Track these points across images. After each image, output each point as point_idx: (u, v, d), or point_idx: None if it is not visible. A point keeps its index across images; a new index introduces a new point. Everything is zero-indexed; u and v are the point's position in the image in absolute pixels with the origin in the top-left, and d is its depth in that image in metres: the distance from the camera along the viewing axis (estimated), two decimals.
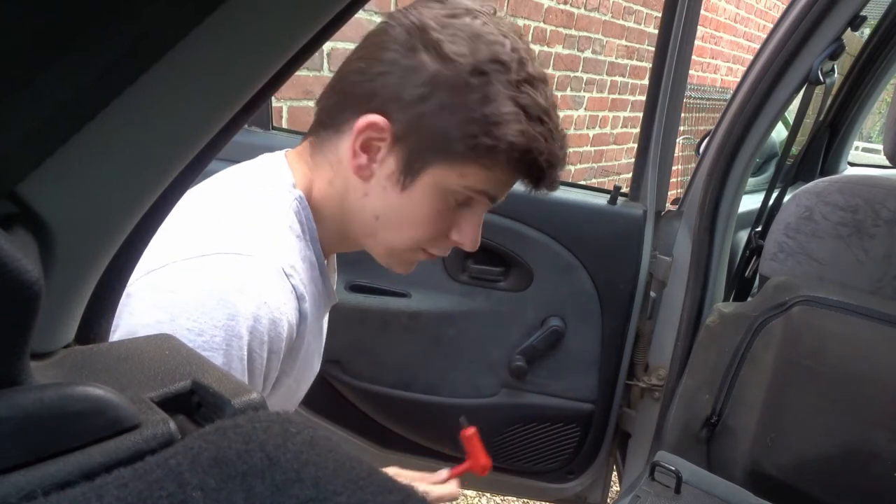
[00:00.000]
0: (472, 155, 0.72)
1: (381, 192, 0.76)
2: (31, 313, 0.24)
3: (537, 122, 0.73)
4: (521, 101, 0.71)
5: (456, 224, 0.79)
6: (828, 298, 1.17)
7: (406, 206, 0.76)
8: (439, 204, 0.76)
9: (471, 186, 0.75)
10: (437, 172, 0.74)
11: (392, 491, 0.24)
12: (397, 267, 0.82)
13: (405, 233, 0.77)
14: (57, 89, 0.25)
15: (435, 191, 0.75)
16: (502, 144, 0.71)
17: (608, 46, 3.75)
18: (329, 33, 0.33)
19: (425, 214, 0.76)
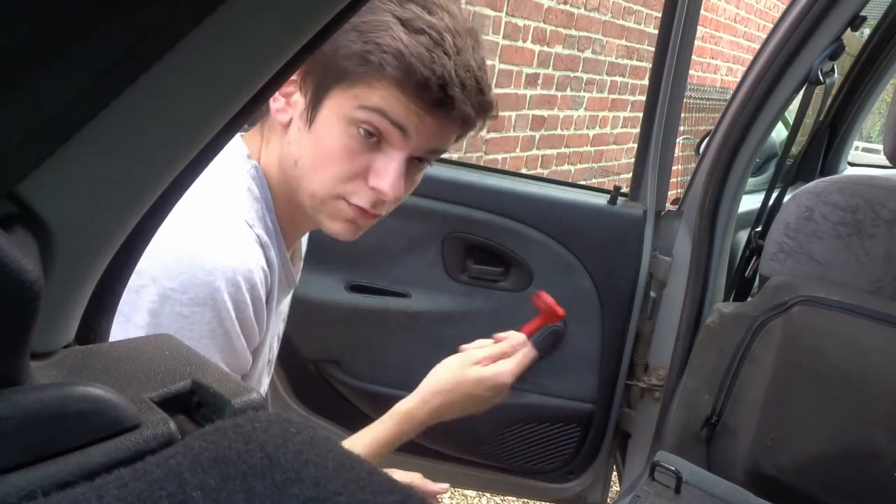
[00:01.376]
0: (354, 70, 0.71)
1: (297, 136, 0.76)
2: (31, 313, 0.24)
3: (418, 33, 0.71)
4: (398, 13, 0.70)
5: (372, 167, 0.76)
6: (828, 298, 1.17)
7: (315, 144, 0.75)
8: (343, 137, 0.74)
9: (364, 105, 0.72)
10: (335, 101, 0.73)
11: (392, 491, 0.24)
12: (329, 223, 0.79)
13: (319, 174, 0.76)
14: (57, 89, 0.25)
15: (336, 121, 0.74)
16: (371, 48, 0.69)
17: (608, 46, 3.75)
18: (329, 33, 0.33)
19: (332, 149, 0.74)
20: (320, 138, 0.75)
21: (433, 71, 0.70)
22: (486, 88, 0.76)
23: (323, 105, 0.74)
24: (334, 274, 1.38)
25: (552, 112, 3.51)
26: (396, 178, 0.76)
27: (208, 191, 0.74)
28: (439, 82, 0.71)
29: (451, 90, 0.72)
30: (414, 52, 0.70)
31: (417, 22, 0.70)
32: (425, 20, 0.71)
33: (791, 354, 1.20)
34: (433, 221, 1.36)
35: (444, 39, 0.71)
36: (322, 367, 1.45)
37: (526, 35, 3.14)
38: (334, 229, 0.80)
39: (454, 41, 0.72)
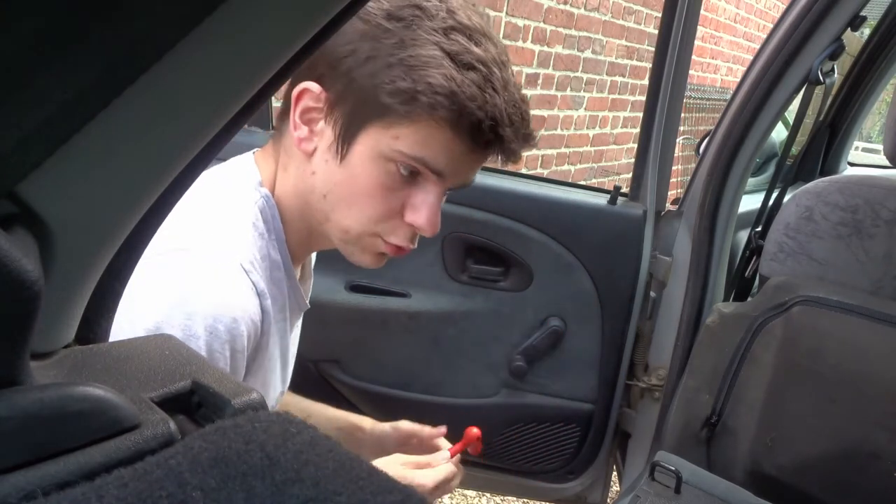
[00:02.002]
0: (397, 108, 0.68)
1: (324, 167, 0.73)
2: (31, 313, 0.24)
3: (468, 69, 0.67)
4: (446, 47, 0.66)
5: (408, 203, 0.73)
6: (828, 298, 1.17)
7: (348, 179, 0.72)
8: (380, 175, 0.71)
9: (404, 152, 0.69)
10: (371, 136, 0.70)
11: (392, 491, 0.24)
12: (360, 256, 0.77)
13: (354, 211, 0.73)
14: (57, 89, 0.25)
15: (372, 159, 0.71)
16: (422, 87, 0.66)
17: (608, 46, 3.75)
18: (329, 33, 0.33)
19: (368, 187, 0.71)
20: (354, 175, 0.71)
21: (486, 112, 0.68)
22: (530, 121, 0.74)
23: (357, 140, 0.70)
24: (334, 274, 1.38)
25: (552, 112, 3.51)
26: (434, 213, 0.74)
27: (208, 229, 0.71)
28: (491, 123, 0.68)
29: (502, 130, 0.69)
30: (467, 92, 0.66)
31: (466, 56, 0.67)
32: (474, 54, 0.68)
33: (791, 354, 1.20)
34: None
35: (492, 74, 0.68)
36: (322, 367, 1.45)
37: (526, 35, 3.14)
38: (364, 261, 0.78)
39: (501, 75, 0.69)
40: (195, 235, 0.70)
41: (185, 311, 0.64)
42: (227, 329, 0.66)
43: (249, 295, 0.70)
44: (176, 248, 0.67)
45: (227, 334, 0.66)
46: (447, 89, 0.66)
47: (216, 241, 0.70)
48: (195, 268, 0.67)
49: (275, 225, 0.76)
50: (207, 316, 0.65)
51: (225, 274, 0.68)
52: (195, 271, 0.67)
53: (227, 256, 0.69)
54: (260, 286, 0.71)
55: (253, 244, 0.73)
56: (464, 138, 0.69)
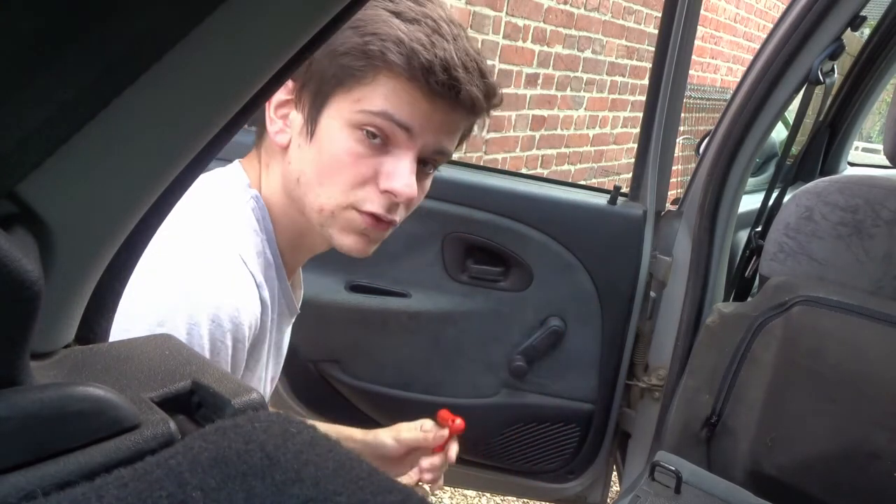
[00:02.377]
0: (353, 67, 0.69)
1: (297, 153, 0.74)
2: (31, 313, 0.24)
3: (413, 23, 0.70)
4: (391, 7, 0.70)
5: (381, 171, 0.73)
6: (828, 298, 1.17)
7: (317, 155, 0.72)
8: (348, 141, 0.71)
9: (367, 109, 0.70)
10: (335, 108, 0.71)
11: (392, 491, 0.24)
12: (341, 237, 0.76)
13: (325, 185, 0.73)
14: (57, 89, 0.25)
15: (338, 128, 0.71)
16: (370, 38, 0.68)
17: (608, 46, 3.75)
18: (329, 33, 0.33)
19: (336, 157, 0.72)
20: (323, 148, 0.72)
21: (435, 54, 0.69)
22: (487, 72, 0.74)
23: (322, 114, 0.72)
24: (334, 274, 1.38)
25: (552, 112, 3.51)
26: (409, 176, 0.73)
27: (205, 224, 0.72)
28: (443, 65, 0.69)
29: (455, 72, 0.70)
30: (414, 37, 0.68)
31: (411, 13, 0.70)
32: (418, 10, 0.70)
33: (791, 354, 1.20)
34: (433, 221, 1.36)
35: (440, 27, 0.70)
36: (322, 367, 1.45)
37: (526, 35, 3.14)
38: (346, 243, 0.76)
39: (450, 28, 0.71)
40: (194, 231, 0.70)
41: (189, 303, 0.65)
42: (230, 318, 0.67)
43: (249, 285, 0.71)
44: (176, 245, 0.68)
45: (230, 324, 0.67)
46: (394, 36, 0.68)
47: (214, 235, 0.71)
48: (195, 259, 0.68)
49: (265, 225, 0.77)
50: (210, 306, 0.66)
51: (225, 264, 0.69)
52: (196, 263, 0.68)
53: (225, 247, 0.70)
54: (258, 278, 0.72)
55: (249, 241, 0.74)
56: (419, 83, 0.70)
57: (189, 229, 0.70)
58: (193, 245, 0.69)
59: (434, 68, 0.69)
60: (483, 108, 0.75)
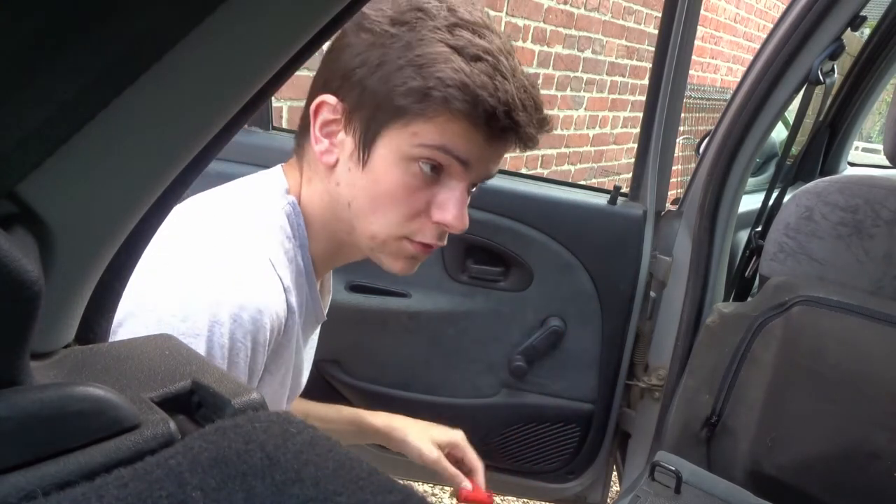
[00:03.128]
0: (412, 107, 0.69)
1: (347, 176, 0.74)
2: (31, 313, 0.24)
3: (476, 61, 0.68)
4: (451, 42, 0.68)
5: (434, 202, 0.74)
6: (828, 298, 1.17)
7: (372, 185, 0.73)
8: (403, 175, 0.72)
9: (426, 143, 0.70)
10: (390, 139, 0.71)
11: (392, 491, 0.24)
12: (391, 262, 0.78)
13: (379, 215, 0.74)
14: (57, 89, 0.25)
15: (394, 160, 0.71)
16: (433, 83, 0.67)
17: (608, 46, 3.75)
18: (329, 33, 0.33)
19: (392, 189, 0.72)
20: (378, 179, 0.72)
21: (499, 99, 0.69)
22: (542, 105, 0.74)
23: (377, 143, 0.71)
24: (334, 274, 1.38)
25: (552, 112, 3.51)
26: (461, 209, 0.75)
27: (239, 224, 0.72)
28: (505, 109, 0.69)
29: (516, 115, 0.70)
30: (478, 82, 0.68)
31: (472, 49, 0.68)
32: (479, 46, 0.69)
33: (791, 354, 1.20)
34: None
35: (499, 63, 0.69)
36: (322, 367, 1.45)
37: (526, 35, 3.14)
38: (395, 268, 0.78)
39: (508, 63, 0.70)
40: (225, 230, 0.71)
41: (212, 299, 0.65)
42: (252, 319, 0.66)
43: (276, 289, 0.70)
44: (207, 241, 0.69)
45: (252, 324, 0.67)
46: (458, 81, 0.67)
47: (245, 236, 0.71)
48: (224, 258, 0.68)
49: (299, 232, 0.77)
50: (234, 304, 0.65)
51: (253, 265, 0.69)
52: (224, 261, 0.68)
53: (255, 249, 0.70)
54: (286, 282, 0.72)
55: (280, 245, 0.74)
56: (480, 127, 0.70)
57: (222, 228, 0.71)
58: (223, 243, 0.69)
59: (497, 113, 0.69)
60: (537, 143, 0.77)
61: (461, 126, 0.70)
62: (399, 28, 0.69)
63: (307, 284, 0.79)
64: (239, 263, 0.68)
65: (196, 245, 0.69)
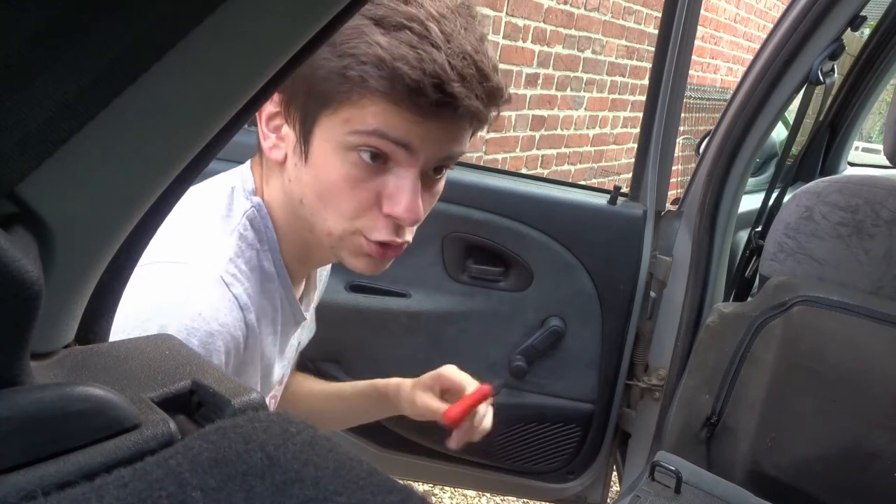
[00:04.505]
0: (336, 91, 0.63)
1: (295, 172, 0.69)
2: (31, 313, 0.24)
3: (397, 30, 0.61)
4: (371, 12, 0.62)
5: (383, 194, 0.68)
6: (828, 298, 1.17)
7: (315, 178, 0.68)
8: (343, 166, 0.66)
9: (358, 130, 0.64)
10: (324, 128, 0.66)
11: (392, 491, 0.24)
12: (352, 260, 0.73)
13: (330, 210, 0.69)
14: (57, 89, 0.25)
15: (332, 151, 0.66)
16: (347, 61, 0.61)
17: (608, 46, 3.75)
18: (329, 33, 0.33)
19: (335, 182, 0.67)
20: (319, 172, 0.67)
21: (423, 70, 0.61)
22: (489, 72, 0.65)
23: (313, 135, 0.66)
24: (334, 274, 1.38)
25: (552, 112, 3.51)
26: (412, 198, 0.67)
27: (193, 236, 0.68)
28: (434, 81, 0.61)
29: (449, 87, 0.62)
30: (397, 54, 0.61)
31: (394, 17, 0.61)
32: (402, 12, 0.61)
33: (791, 354, 1.20)
34: (433, 221, 1.36)
35: (428, 30, 0.61)
36: (322, 367, 1.45)
37: (526, 35, 3.14)
38: (358, 266, 0.74)
39: (440, 28, 0.62)
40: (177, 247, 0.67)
41: (159, 324, 0.61)
42: (202, 343, 0.63)
43: (229, 308, 0.67)
44: (156, 261, 0.64)
45: (202, 349, 0.63)
46: (373, 56, 0.61)
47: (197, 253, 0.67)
48: (173, 280, 0.64)
49: (267, 235, 0.73)
50: (181, 329, 0.62)
51: (203, 287, 0.65)
52: (172, 283, 0.64)
53: (207, 268, 0.66)
54: (243, 299, 0.68)
55: (239, 255, 0.70)
56: (410, 105, 0.63)
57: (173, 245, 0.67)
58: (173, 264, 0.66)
59: (424, 88, 0.61)
60: (487, 115, 0.69)
61: (389, 106, 0.63)
62: None
63: (281, 288, 0.75)
64: (186, 285, 0.65)
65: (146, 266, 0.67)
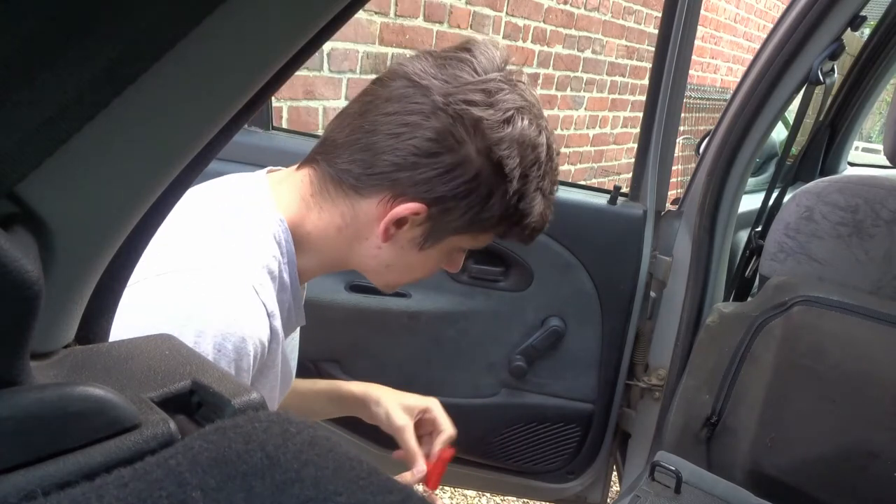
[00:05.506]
0: (493, 229, 0.79)
1: (397, 249, 0.79)
2: (31, 313, 0.24)
3: (548, 197, 0.80)
4: (545, 188, 0.78)
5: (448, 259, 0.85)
6: (828, 298, 1.17)
7: (420, 260, 0.80)
8: (449, 256, 0.82)
9: (481, 246, 0.82)
10: (458, 239, 0.79)
11: (392, 491, 0.24)
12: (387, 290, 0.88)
13: (412, 277, 0.83)
14: (57, 89, 0.25)
15: (451, 250, 0.81)
16: (525, 230, 0.80)
17: (608, 46, 3.75)
18: (329, 33, 0.33)
19: (435, 266, 0.82)
20: (429, 258, 0.80)
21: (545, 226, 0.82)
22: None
23: (444, 240, 0.79)
24: (334, 274, 1.38)
25: (552, 112, 3.51)
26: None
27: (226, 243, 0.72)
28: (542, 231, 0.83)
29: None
30: (543, 223, 0.81)
31: (551, 190, 0.80)
32: (556, 182, 0.81)
33: (791, 354, 1.20)
34: None
35: (554, 193, 0.82)
36: (322, 367, 1.45)
37: (526, 35, 3.14)
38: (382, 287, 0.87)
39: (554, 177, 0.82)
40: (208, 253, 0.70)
41: (196, 328, 0.65)
42: (235, 348, 0.67)
43: (260, 315, 0.70)
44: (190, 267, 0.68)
45: (235, 353, 0.67)
46: (540, 226, 0.81)
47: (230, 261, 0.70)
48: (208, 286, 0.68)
49: (287, 248, 0.77)
50: (217, 333, 0.66)
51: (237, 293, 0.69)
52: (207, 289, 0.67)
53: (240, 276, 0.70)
54: (270, 307, 0.72)
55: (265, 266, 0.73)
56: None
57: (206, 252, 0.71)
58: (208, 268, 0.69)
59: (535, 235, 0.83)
60: None
61: None
62: (520, 182, 0.76)
63: (292, 297, 0.80)
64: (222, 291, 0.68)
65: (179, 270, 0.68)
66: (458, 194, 0.73)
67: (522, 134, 0.73)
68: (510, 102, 0.74)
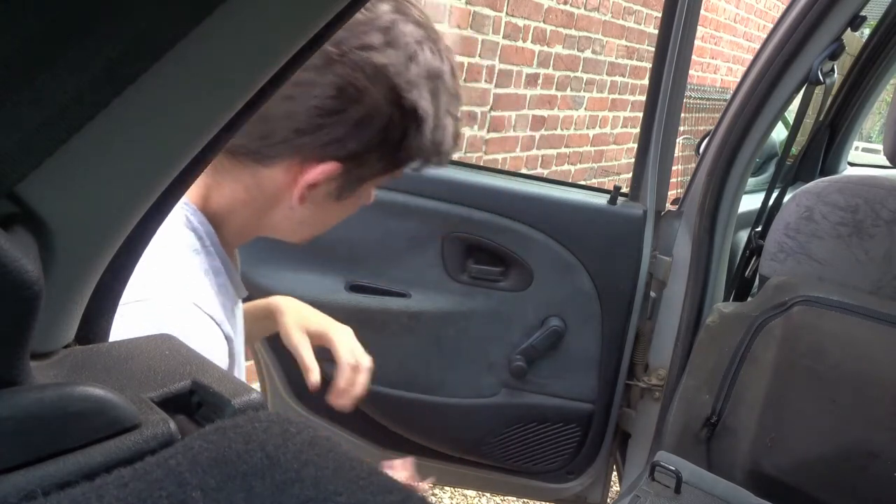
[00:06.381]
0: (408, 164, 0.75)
1: (313, 207, 0.75)
2: (31, 313, 0.24)
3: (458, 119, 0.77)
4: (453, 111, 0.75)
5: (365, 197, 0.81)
6: (828, 298, 1.17)
7: (338, 210, 0.77)
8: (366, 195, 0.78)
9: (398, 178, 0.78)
10: (376, 181, 0.76)
11: (392, 491, 0.24)
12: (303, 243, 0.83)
13: (329, 226, 0.79)
14: (57, 89, 0.25)
15: (366, 193, 0.77)
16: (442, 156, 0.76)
17: (608, 46, 3.75)
18: (329, 33, 0.33)
19: (352, 210, 0.78)
20: (345, 207, 0.76)
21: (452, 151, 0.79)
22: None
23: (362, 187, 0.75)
24: (334, 274, 1.38)
25: (552, 112, 3.51)
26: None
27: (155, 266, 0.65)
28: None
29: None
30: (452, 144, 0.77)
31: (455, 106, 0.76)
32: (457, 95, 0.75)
33: (791, 354, 1.20)
34: (433, 221, 1.36)
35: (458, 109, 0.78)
36: (322, 367, 1.45)
37: (526, 35, 3.14)
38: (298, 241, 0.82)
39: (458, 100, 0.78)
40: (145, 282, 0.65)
41: None
42: None
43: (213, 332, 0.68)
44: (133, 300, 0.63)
45: None
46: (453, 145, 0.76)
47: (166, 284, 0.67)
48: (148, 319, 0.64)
49: (206, 231, 0.73)
50: None
51: (185, 320, 0.66)
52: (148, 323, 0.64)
53: (182, 300, 0.66)
54: (218, 317, 0.69)
55: (196, 268, 0.70)
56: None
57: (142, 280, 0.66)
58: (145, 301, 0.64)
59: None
60: None
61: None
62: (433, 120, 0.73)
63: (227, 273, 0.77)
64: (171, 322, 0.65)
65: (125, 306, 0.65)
66: (371, 145, 0.69)
67: (428, 69, 0.69)
68: (409, 36, 0.68)
